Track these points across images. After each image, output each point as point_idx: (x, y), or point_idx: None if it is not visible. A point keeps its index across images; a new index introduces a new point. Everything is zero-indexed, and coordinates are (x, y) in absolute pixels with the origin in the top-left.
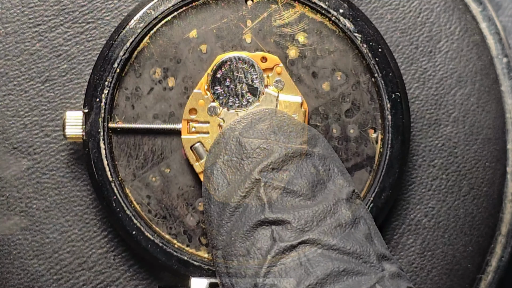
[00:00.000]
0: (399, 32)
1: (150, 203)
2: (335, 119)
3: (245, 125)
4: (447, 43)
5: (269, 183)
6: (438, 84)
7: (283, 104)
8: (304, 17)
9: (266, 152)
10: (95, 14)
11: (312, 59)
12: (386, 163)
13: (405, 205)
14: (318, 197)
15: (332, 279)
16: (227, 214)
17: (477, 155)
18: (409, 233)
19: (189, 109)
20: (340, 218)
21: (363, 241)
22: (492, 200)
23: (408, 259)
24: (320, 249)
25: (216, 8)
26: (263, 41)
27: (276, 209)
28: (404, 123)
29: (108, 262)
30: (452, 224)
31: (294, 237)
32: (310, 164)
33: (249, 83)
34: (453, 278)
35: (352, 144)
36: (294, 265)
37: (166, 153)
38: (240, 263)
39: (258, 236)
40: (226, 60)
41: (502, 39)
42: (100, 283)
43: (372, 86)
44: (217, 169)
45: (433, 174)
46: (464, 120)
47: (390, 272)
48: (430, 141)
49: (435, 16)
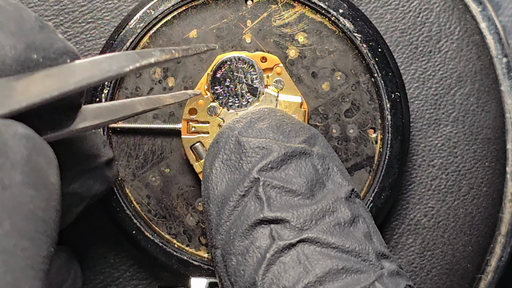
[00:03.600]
0: (399, 32)
1: (150, 203)
2: (334, 119)
3: (244, 124)
4: (447, 43)
5: (268, 182)
6: (438, 84)
7: (283, 104)
8: (304, 17)
9: (265, 151)
10: (95, 14)
11: (312, 59)
12: (385, 163)
13: (405, 205)
14: (317, 196)
15: (331, 277)
16: (226, 213)
17: (477, 155)
18: (409, 233)
19: (189, 109)
20: (339, 216)
21: (362, 239)
22: (492, 200)
23: (407, 259)
24: (319, 248)
25: (216, 8)
26: (263, 41)
27: (275, 208)
28: (403, 123)
29: (108, 262)
30: (452, 224)
31: (293, 236)
32: (309, 163)
33: (249, 83)
34: (452, 278)
35: (352, 144)
36: (293, 263)
37: (166, 153)
38: (239, 261)
39: (257, 235)
40: (226, 60)
41: (502, 39)
42: (100, 283)
43: (372, 86)
44: (216, 168)
45: (433, 174)
46: (464, 120)
47: (389, 270)
48: (429, 141)
49: (434, 16)
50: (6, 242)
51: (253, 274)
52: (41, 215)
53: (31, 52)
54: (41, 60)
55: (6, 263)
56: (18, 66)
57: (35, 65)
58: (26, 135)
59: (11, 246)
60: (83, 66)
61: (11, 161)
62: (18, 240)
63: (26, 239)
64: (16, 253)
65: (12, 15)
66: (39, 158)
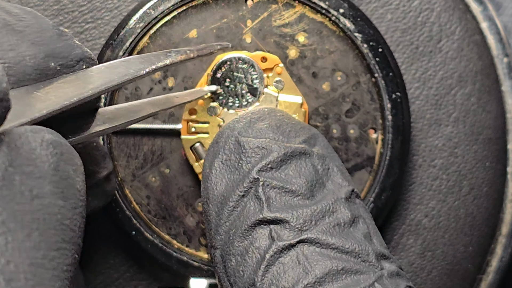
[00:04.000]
0: (400, 32)
1: (149, 204)
2: (335, 119)
3: (244, 124)
4: (448, 43)
5: (267, 182)
6: (439, 84)
7: (283, 104)
8: (304, 17)
9: (265, 152)
10: (95, 14)
11: (312, 59)
12: (386, 163)
13: (405, 206)
14: (317, 197)
15: (330, 278)
16: (226, 214)
17: (478, 155)
18: (410, 233)
19: (189, 109)
20: (338, 217)
21: (362, 240)
22: (493, 200)
23: (408, 260)
24: (319, 248)
25: (216, 8)
26: (263, 41)
27: (274, 208)
28: (404, 123)
29: (107, 262)
30: (453, 225)
31: (292, 236)
32: (309, 164)
33: (249, 83)
34: (453, 278)
35: (352, 144)
36: (292, 264)
37: (165, 153)
38: (238, 262)
39: (257, 235)
40: (226, 60)
41: (502, 39)
42: (100, 283)
43: (373, 86)
44: (216, 169)
45: (434, 174)
46: (465, 120)
47: (389, 271)
48: (430, 141)
49: (435, 16)
50: (35, 254)
51: (252, 274)
52: (68, 224)
53: (49, 61)
54: (58, 68)
55: (35, 276)
56: (37, 75)
57: (53, 73)
58: (53, 141)
59: (39, 258)
60: (100, 71)
61: (39, 170)
62: (46, 251)
63: (53, 250)
64: (44, 265)
65: (31, 23)
66: (66, 166)
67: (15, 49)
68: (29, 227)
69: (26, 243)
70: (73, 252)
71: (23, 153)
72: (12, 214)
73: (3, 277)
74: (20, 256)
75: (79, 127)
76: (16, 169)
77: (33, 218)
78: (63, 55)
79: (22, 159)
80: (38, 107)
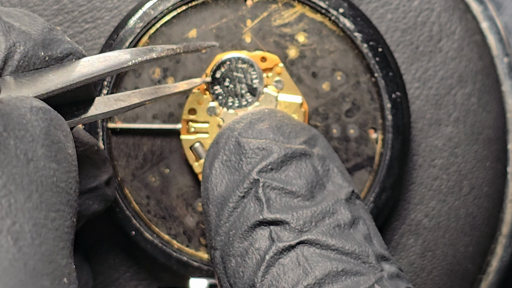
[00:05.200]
0: (400, 32)
1: (149, 204)
2: (335, 119)
3: (244, 125)
4: (448, 42)
5: (267, 183)
6: (439, 84)
7: (283, 104)
8: (304, 17)
9: (265, 152)
10: (94, 14)
11: (312, 59)
12: (386, 163)
13: (406, 206)
14: (317, 198)
15: (330, 279)
16: (226, 214)
17: (478, 155)
18: (410, 233)
19: (189, 109)
20: (339, 218)
21: (362, 241)
22: (493, 200)
23: (408, 260)
24: (319, 249)
25: (216, 8)
26: (263, 41)
27: (274, 210)
28: (404, 123)
29: (107, 262)
30: (453, 225)
31: (292, 238)
32: (309, 165)
33: (249, 83)
34: (453, 278)
35: (352, 144)
36: (292, 265)
37: (165, 153)
38: (238, 263)
39: (257, 237)
40: (226, 60)
41: (503, 38)
42: (100, 283)
43: (372, 86)
44: (216, 169)
45: (434, 174)
46: (465, 120)
47: (389, 273)
48: (430, 141)
49: (435, 16)
50: (37, 215)
51: (252, 275)
52: (63, 187)
53: (38, 50)
54: (47, 58)
55: (40, 235)
56: (25, 62)
57: (41, 63)
58: (41, 107)
59: (42, 218)
60: (86, 61)
61: (31, 134)
62: (47, 212)
63: (53, 211)
64: (47, 225)
65: (21, 16)
66: (56, 131)
67: (5, 35)
68: (28, 189)
69: (28, 204)
70: (71, 215)
71: (14, 119)
72: (11, 177)
73: (11, 237)
74: (24, 216)
75: (74, 114)
76: (10, 134)
77: (31, 180)
78: (53, 46)
79: (14, 124)
80: (24, 91)
